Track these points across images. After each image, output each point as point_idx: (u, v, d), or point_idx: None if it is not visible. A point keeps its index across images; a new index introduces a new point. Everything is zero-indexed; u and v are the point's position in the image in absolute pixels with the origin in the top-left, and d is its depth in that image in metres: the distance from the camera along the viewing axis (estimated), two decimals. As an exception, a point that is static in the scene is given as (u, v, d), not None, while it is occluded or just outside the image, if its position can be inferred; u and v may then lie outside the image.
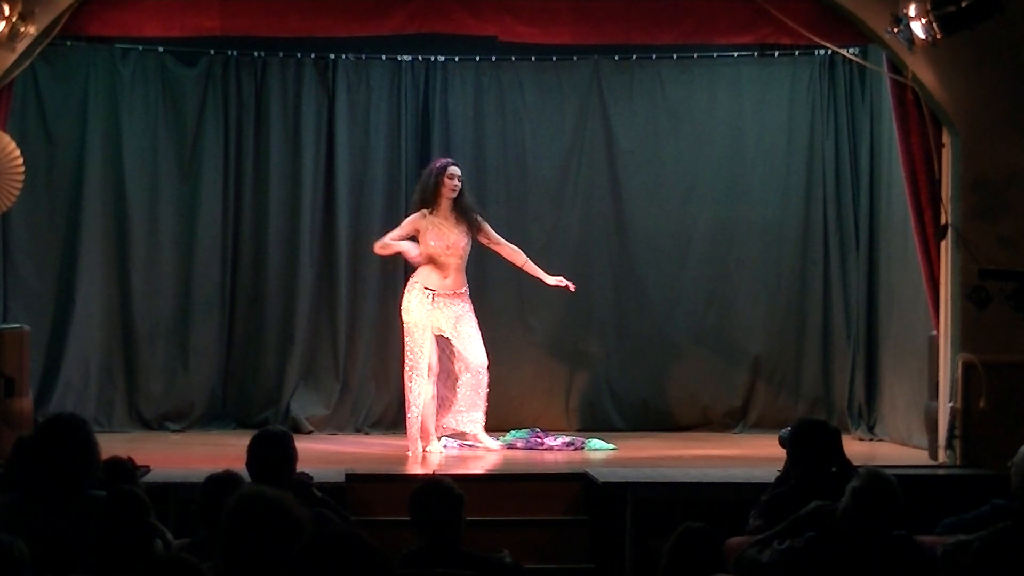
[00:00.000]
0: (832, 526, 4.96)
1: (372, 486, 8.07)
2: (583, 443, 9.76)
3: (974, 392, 8.69)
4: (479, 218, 9.55)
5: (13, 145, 8.76)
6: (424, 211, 9.42)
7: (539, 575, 7.33)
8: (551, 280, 9.69)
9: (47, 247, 10.71)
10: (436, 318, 9.39)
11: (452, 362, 9.54)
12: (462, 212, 9.45)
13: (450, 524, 5.07)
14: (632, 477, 8.24)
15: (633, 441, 10.09)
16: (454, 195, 9.41)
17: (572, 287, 9.70)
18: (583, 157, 11.16)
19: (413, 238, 9.47)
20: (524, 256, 9.73)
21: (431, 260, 9.40)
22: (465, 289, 9.50)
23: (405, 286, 9.60)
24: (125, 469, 5.73)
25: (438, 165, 9.58)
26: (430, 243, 9.39)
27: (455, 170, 9.50)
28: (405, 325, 9.43)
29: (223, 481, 5.33)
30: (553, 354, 11.11)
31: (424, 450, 9.38)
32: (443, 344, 9.51)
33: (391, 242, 9.48)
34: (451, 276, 9.42)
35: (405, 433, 10.78)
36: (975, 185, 8.83)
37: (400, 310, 9.51)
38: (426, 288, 9.39)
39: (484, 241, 9.63)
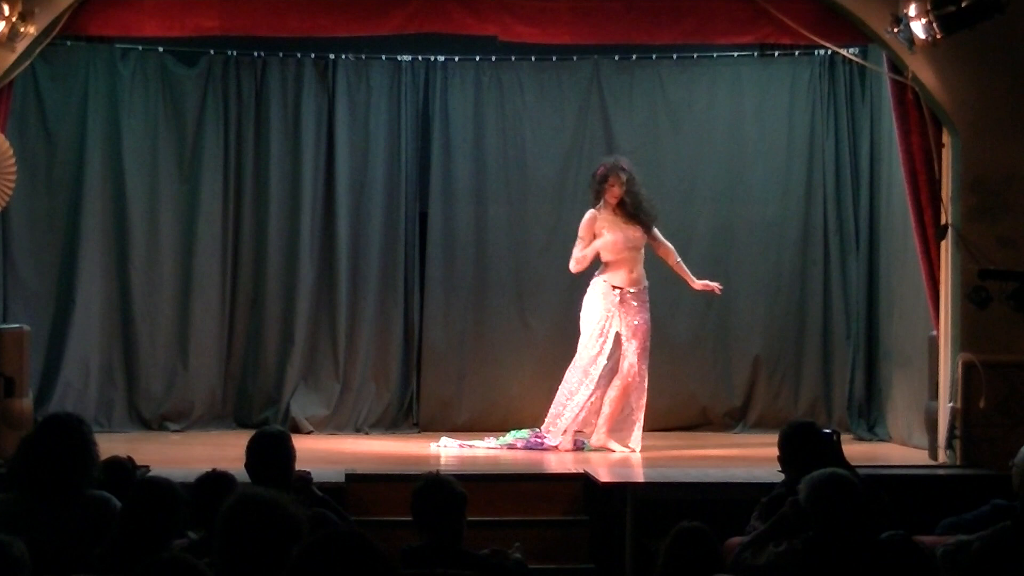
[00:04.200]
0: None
1: (372, 486, 8.06)
2: (583, 443, 9.75)
3: (974, 392, 8.69)
4: (654, 215, 9.62)
5: (7, 144, 8.76)
6: (594, 211, 9.57)
7: (539, 575, 7.32)
8: (698, 284, 9.75)
9: (47, 247, 10.71)
10: (620, 318, 9.47)
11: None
12: (633, 207, 9.54)
13: (452, 523, 5.07)
14: (632, 477, 8.24)
15: (633, 441, 10.08)
16: (615, 200, 9.54)
17: (719, 289, 9.72)
18: (583, 157, 11.14)
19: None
20: (676, 255, 9.75)
21: (612, 257, 9.53)
22: (644, 284, 9.59)
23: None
24: (124, 469, 5.73)
25: (600, 172, 9.64)
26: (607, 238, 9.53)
27: (612, 180, 9.53)
28: (582, 324, 9.57)
29: (214, 481, 5.34)
30: (553, 354, 11.09)
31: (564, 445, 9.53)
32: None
33: (585, 251, 9.55)
34: (633, 271, 9.54)
35: (410, 432, 10.88)
36: (975, 185, 8.83)
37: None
38: (614, 286, 9.50)
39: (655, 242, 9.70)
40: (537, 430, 9.99)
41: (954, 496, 7.31)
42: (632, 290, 9.54)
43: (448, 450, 9.70)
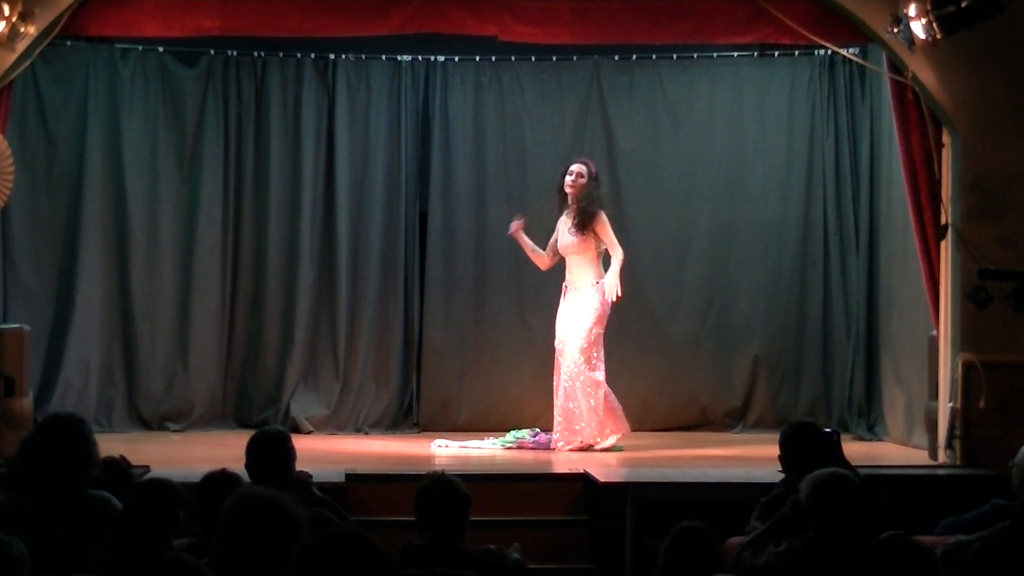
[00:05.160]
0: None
1: (372, 486, 8.06)
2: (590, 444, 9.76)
3: (974, 392, 8.69)
4: (598, 216, 9.58)
5: (5, 144, 8.75)
6: (562, 209, 9.76)
7: (539, 575, 7.32)
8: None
9: (47, 247, 10.70)
10: (564, 315, 9.63)
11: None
12: (578, 208, 9.60)
13: (454, 523, 5.06)
14: (632, 477, 8.23)
15: (633, 441, 10.08)
16: (572, 191, 9.63)
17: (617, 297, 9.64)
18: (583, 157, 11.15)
19: None
20: (617, 262, 9.63)
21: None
22: (584, 284, 9.58)
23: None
24: (118, 468, 5.71)
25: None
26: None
27: (575, 167, 9.67)
28: None
29: (220, 480, 5.33)
30: (553, 354, 11.08)
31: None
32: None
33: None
34: (571, 272, 9.67)
35: (410, 432, 10.91)
36: (975, 185, 8.83)
37: None
38: (563, 285, 9.71)
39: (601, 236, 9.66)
40: (537, 430, 9.99)
41: (954, 496, 7.30)
42: (569, 287, 9.66)
43: (447, 450, 9.69)
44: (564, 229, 9.71)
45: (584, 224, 9.56)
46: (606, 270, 9.63)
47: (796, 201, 11.13)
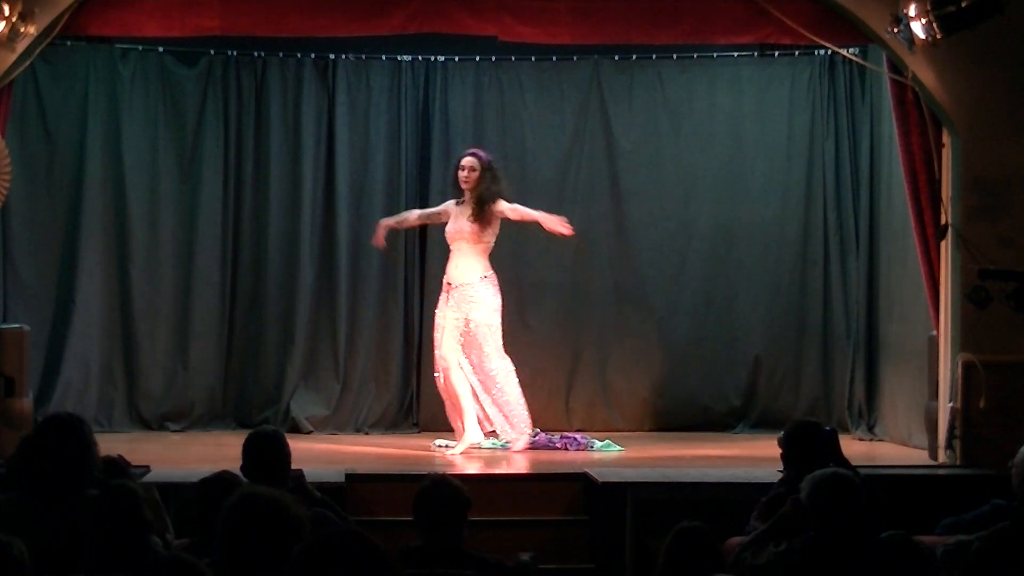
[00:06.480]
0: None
1: (372, 486, 8.07)
2: (587, 442, 9.75)
3: (974, 392, 8.69)
4: (496, 202, 9.50)
5: (2, 144, 8.75)
6: (457, 199, 9.64)
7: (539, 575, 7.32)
8: (548, 222, 9.61)
9: (47, 247, 10.70)
10: (448, 312, 9.51)
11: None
12: (476, 200, 9.51)
13: (453, 524, 5.06)
14: (632, 477, 8.23)
15: (633, 441, 10.08)
16: (467, 186, 9.53)
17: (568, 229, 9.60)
18: (583, 157, 11.15)
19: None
20: (527, 210, 9.65)
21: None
22: (472, 279, 9.52)
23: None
24: (117, 468, 5.70)
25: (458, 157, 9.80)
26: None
27: (466, 161, 9.59)
28: None
29: (217, 483, 5.32)
30: (553, 354, 11.10)
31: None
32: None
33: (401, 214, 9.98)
34: (456, 266, 9.55)
35: (410, 432, 10.90)
36: (975, 185, 8.83)
37: None
38: (444, 281, 9.61)
39: (516, 219, 9.62)
40: (538, 430, 9.99)
41: (954, 496, 7.31)
42: (452, 284, 9.59)
43: (447, 450, 9.68)
44: (460, 215, 9.58)
45: (483, 213, 9.49)
46: (493, 267, 9.59)
47: (796, 201, 11.13)
